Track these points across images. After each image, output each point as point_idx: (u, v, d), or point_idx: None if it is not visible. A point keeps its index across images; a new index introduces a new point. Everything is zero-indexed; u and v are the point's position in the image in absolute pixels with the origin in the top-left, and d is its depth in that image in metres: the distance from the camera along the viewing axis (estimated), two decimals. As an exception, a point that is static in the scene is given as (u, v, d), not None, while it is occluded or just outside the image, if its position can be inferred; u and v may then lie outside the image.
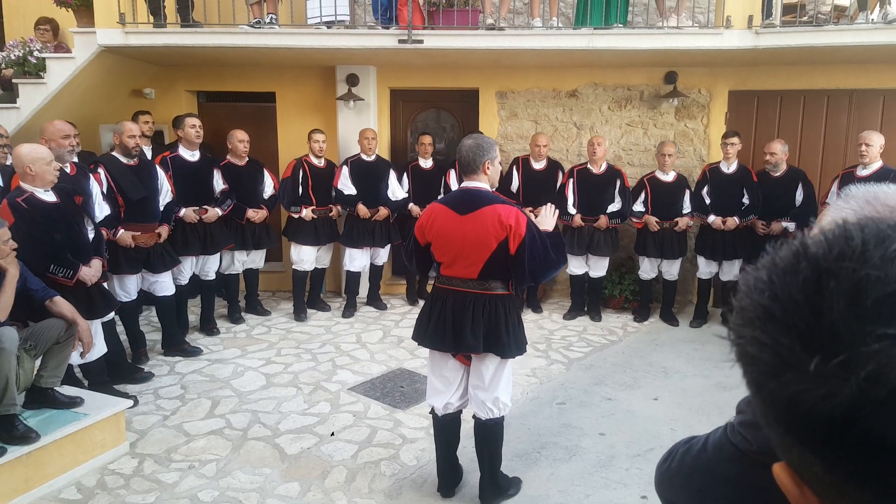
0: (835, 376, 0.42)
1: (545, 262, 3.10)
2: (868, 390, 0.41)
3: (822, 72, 6.62)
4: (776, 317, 0.46)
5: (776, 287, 0.47)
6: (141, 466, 3.76)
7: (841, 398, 0.42)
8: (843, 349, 0.42)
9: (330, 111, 7.20)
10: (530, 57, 6.34)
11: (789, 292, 0.46)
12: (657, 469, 1.16)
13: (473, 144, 3.16)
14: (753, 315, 0.48)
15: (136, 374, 4.96)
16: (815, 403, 0.43)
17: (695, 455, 1.07)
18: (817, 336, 0.44)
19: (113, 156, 5.12)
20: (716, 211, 6.25)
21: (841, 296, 0.43)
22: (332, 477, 3.65)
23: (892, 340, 0.41)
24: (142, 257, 5.12)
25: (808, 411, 0.44)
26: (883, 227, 0.46)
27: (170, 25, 5.99)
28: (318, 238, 6.51)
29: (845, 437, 0.42)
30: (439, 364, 3.34)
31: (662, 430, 4.20)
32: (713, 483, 1.02)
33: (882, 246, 0.45)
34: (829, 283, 0.44)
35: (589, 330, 6.35)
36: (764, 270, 0.49)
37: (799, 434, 0.46)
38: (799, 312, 0.45)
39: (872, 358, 0.41)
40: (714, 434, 1.06)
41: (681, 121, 7.08)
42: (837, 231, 0.47)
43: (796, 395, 0.44)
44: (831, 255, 0.46)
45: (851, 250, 0.45)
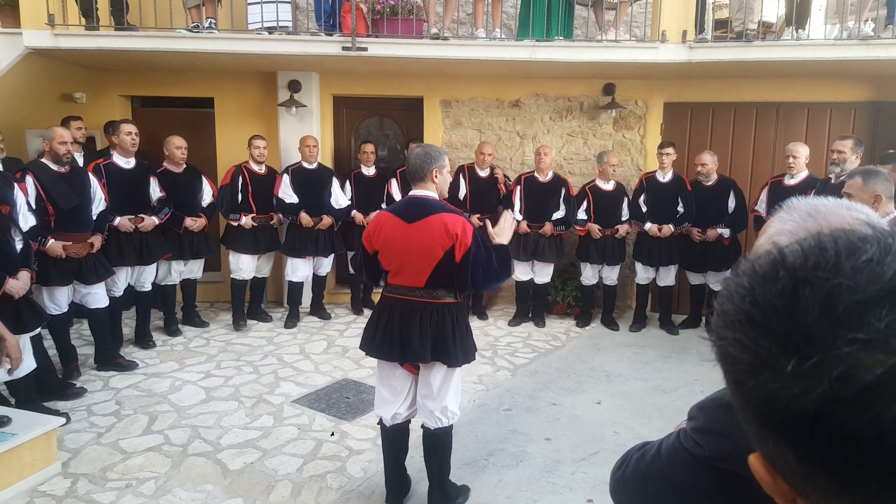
0: (809, 376, 0.46)
1: (489, 271, 3.12)
2: (838, 389, 0.45)
3: (752, 85, 6.93)
4: (756, 321, 0.50)
5: (756, 293, 0.51)
6: (74, 487, 3.59)
7: (814, 396, 0.46)
8: (817, 352, 0.46)
9: (271, 118, 7.10)
10: (474, 67, 6.42)
11: (769, 298, 0.50)
12: (612, 475, 1.19)
13: (422, 152, 3.17)
14: (734, 319, 0.52)
15: (68, 390, 4.75)
16: (790, 400, 0.47)
17: (649, 461, 1.09)
18: (794, 339, 0.47)
19: (42, 163, 4.90)
20: (652, 219, 6.44)
21: (815, 303, 0.47)
22: (276, 492, 3.57)
23: (860, 344, 0.45)
24: (73, 268, 4.91)
25: (784, 408, 0.48)
26: (854, 240, 0.50)
27: (103, 28, 5.78)
28: (257, 246, 6.39)
29: (817, 432, 0.46)
30: (387, 374, 3.32)
31: (606, 433, 4.30)
32: (667, 488, 1.05)
33: (853, 257, 0.48)
34: (804, 291, 0.48)
35: (533, 336, 6.43)
36: (745, 277, 0.53)
37: (774, 428, 0.50)
38: (777, 317, 0.49)
39: (843, 360, 0.45)
40: (667, 440, 1.09)
41: (619, 131, 7.29)
42: (813, 242, 0.51)
43: (773, 392, 0.48)
44: (807, 264, 0.49)
45: (825, 261, 0.49)
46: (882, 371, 0.44)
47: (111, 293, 5.41)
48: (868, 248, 0.49)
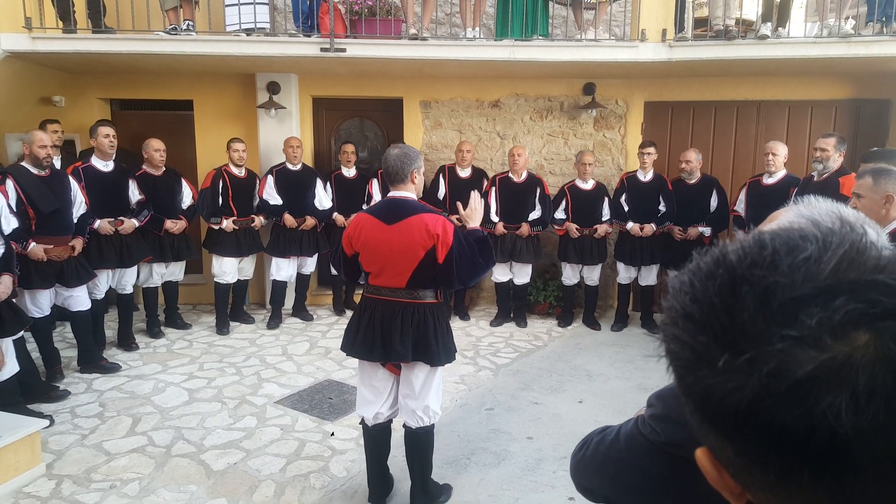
0: (742, 372, 0.47)
1: (473, 266, 3.15)
2: (770, 384, 0.46)
3: (732, 84, 6.95)
4: (695, 317, 0.52)
5: (697, 290, 0.53)
6: (59, 488, 3.59)
7: (747, 391, 0.47)
8: (751, 348, 0.47)
9: (250, 119, 7.09)
10: (453, 67, 6.43)
11: (707, 295, 0.51)
12: (573, 457, 1.23)
13: (400, 154, 3.19)
14: (677, 315, 0.54)
15: (51, 392, 4.74)
16: (725, 395, 0.48)
17: (608, 444, 1.14)
18: (730, 335, 0.49)
19: (22, 166, 4.89)
20: (634, 218, 6.48)
21: (751, 300, 0.48)
22: (260, 492, 3.59)
23: (793, 341, 0.46)
24: (55, 271, 4.91)
25: (720, 402, 0.49)
26: (795, 237, 0.52)
27: (80, 31, 5.74)
28: (239, 249, 6.39)
29: (751, 425, 0.48)
30: (369, 374, 3.34)
31: (587, 431, 4.28)
32: (624, 471, 1.10)
33: (791, 255, 0.50)
34: (741, 288, 0.49)
35: (515, 336, 6.47)
36: (688, 274, 0.55)
37: (713, 422, 0.51)
38: (714, 314, 0.50)
39: (775, 356, 0.46)
40: (626, 425, 1.13)
41: (599, 131, 7.34)
42: (752, 240, 0.53)
43: (710, 387, 0.49)
44: (745, 262, 0.51)
45: (762, 259, 0.50)
46: (813, 367, 0.45)
47: (93, 296, 5.40)
48: (808, 246, 0.50)
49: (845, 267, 0.48)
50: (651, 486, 1.06)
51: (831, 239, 0.50)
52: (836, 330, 0.46)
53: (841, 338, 0.45)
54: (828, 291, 0.47)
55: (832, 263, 0.48)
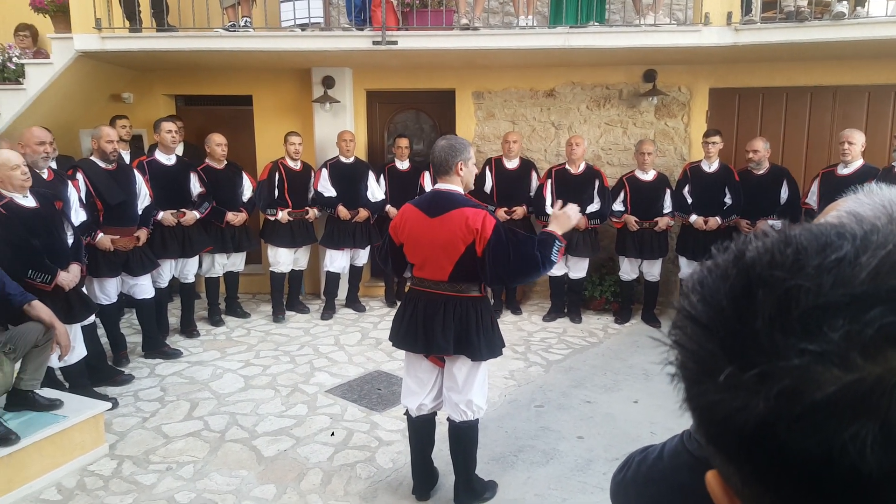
0: (749, 388, 0.41)
1: (515, 265, 3.04)
2: (781, 406, 0.40)
3: (805, 68, 6.59)
4: (702, 322, 0.46)
5: (706, 291, 0.46)
6: (120, 468, 3.77)
7: (754, 412, 0.41)
8: (763, 361, 0.41)
9: (306, 114, 7.19)
10: (506, 57, 6.34)
11: (718, 297, 0.45)
12: (613, 478, 1.14)
13: (447, 145, 3.16)
14: (684, 318, 0.48)
15: (117, 376, 4.97)
16: (729, 415, 0.42)
17: (650, 463, 1.05)
18: (739, 345, 0.42)
19: (91, 160, 5.13)
20: (697, 210, 6.23)
21: (768, 305, 0.42)
22: (307, 479, 3.66)
23: (813, 356, 0.39)
24: (121, 261, 5.12)
25: (723, 422, 0.43)
26: (828, 234, 0.44)
27: (145, 30, 5.97)
28: (294, 240, 6.52)
29: (757, 452, 0.42)
30: (414, 365, 3.35)
31: (642, 433, 4.18)
32: (667, 491, 1.00)
33: (821, 255, 0.43)
34: (757, 291, 0.43)
35: (569, 332, 6.34)
36: (703, 272, 0.48)
37: (717, 444, 0.46)
38: (723, 319, 0.44)
39: (790, 373, 0.40)
40: (671, 442, 1.05)
41: (661, 119, 7.09)
42: (777, 236, 0.46)
43: (713, 404, 0.44)
44: (763, 260, 0.44)
45: (785, 257, 0.44)
46: (835, 389, 0.38)
47: (157, 284, 5.62)
48: (843, 244, 0.43)
49: (886, 272, 0.41)
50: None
51: (873, 238, 0.43)
52: (867, 347, 0.38)
53: (873, 356, 0.38)
54: (861, 300, 0.40)
55: (870, 267, 0.41)
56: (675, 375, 0.49)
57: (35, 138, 4.54)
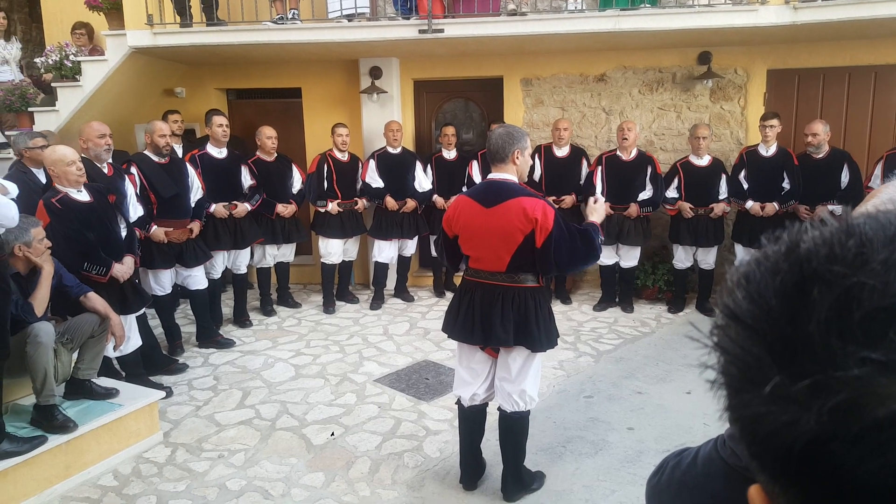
0: (799, 401, 0.36)
1: (573, 254, 3.04)
2: (836, 423, 0.35)
3: (869, 46, 6.30)
4: (748, 322, 0.41)
5: (753, 287, 0.41)
6: (174, 455, 3.86)
7: (804, 428, 0.36)
8: (816, 370, 0.36)
9: (354, 105, 7.22)
10: (554, 42, 6.22)
11: (766, 295, 0.40)
12: (648, 482, 1.11)
13: (504, 132, 3.11)
14: (728, 317, 0.43)
15: (172, 365, 5.09)
16: (775, 430, 0.38)
17: (684, 469, 1.01)
18: (789, 351, 0.38)
19: (145, 154, 5.25)
20: (754, 196, 6.03)
21: (824, 306, 0.37)
22: (355, 468, 3.68)
23: (876, 367, 0.35)
24: (175, 252, 5.25)
25: (768, 438, 0.39)
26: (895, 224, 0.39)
27: (196, 25, 6.09)
28: (344, 231, 6.56)
29: (808, 474, 0.37)
30: (467, 356, 3.33)
31: (695, 424, 4.08)
32: (702, 499, 0.97)
33: (889, 247, 0.38)
34: (812, 289, 0.38)
35: (620, 321, 6.21)
36: (751, 265, 0.43)
37: (761, 460, 0.41)
38: (771, 320, 0.39)
39: (848, 384, 0.35)
40: (705, 447, 1.01)
41: (716, 103, 6.86)
42: (838, 225, 0.41)
43: (758, 417, 0.39)
44: (820, 254, 0.39)
45: (846, 250, 0.38)
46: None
47: (210, 275, 5.74)
48: None
49: None
50: None
51: None
52: None
53: None
54: None
55: None
56: (716, 382, 0.44)
57: (96, 132, 4.67)
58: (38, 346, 3.42)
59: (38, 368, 3.45)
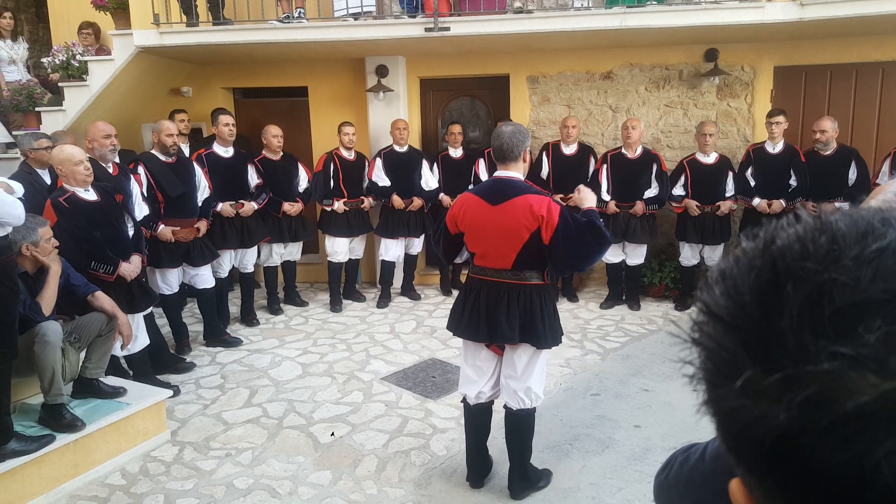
0: (771, 396, 0.37)
1: (580, 249, 3.02)
2: (807, 416, 0.36)
3: (876, 43, 6.28)
4: (723, 319, 0.42)
5: (730, 283, 0.42)
6: (181, 454, 3.87)
7: (775, 421, 0.37)
8: (788, 364, 0.37)
9: (361, 103, 7.22)
10: (561, 39, 6.21)
11: (740, 291, 0.41)
12: (655, 478, 1.11)
13: (515, 131, 3.10)
14: (705, 313, 0.44)
15: (179, 364, 5.10)
16: (748, 423, 0.39)
17: (692, 466, 1.01)
18: (762, 346, 0.38)
19: (152, 154, 5.27)
20: (761, 193, 6.02)
21: (796, 301, 0.38)
22: (363, 466, 3.68)
23: (846, 361, 0.35)
24: (182, 251, 5.26)
25: (743, 431, 0.40)
26: (870, 220, 0.40)
27: (202, 24, 6.10)
28: (350, 230, 6.57)
29: (779, 466, 0.38)
30: (473, 354, 3.33)
31: (701, 422, 4.07)
32: (709, 496, 0.96)
33: (860, 244, 0.38)
34: (786, 285, 0.39)
35: (627, 319, 6.20)
36: (729, 261, 0.44)
37: (737, 454, 0.42)
38: (746, 315, 0.40)
39: (818, 378, 0.36)
40: (713, 443, 1.00)
41: (723, 100, 6.83)
42: (812, 223, 0.41)
43: (732, 411, 0.40)
44: (793, 250, 0.40)
45: (818, 248, 0.39)
46: (869, 399, 0.34)
47: (217, 274, 5.75)
48: (888, 232, 0.38)
49: None
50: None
51: None
52: None
53: None
54: None
55: None
56: (695, 377, 0.45)
57: (101, 132, 4.68)
58: (46, 345, 3.43)
59: (46, 367, 3.46)
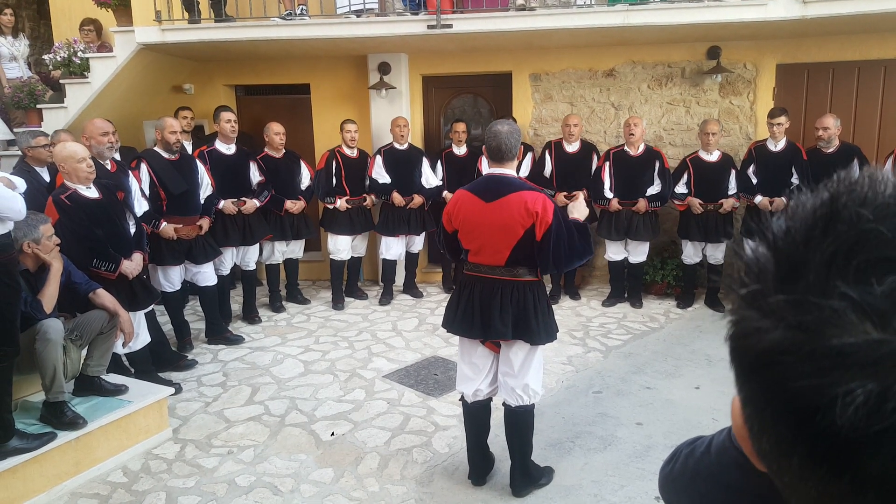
0: (777, 313, 0.40)
1: (570, 250, 3.05)
2: (796, 338, 0.39)
3: (878, 40, 6.25)
4: (768, 237, 0.45)
5: (791, 210, 0.46)
6: (183, 452, 3.87)
7: (770, 336, 0.40)
8: (800, 291, 0.40)
9: (363, 101, 7.21)
10: (563, 37, 6.20)
11: (794, 217, 0.44)
12: (660, 471, 1.11)
13: (512, 130, 3.10)
14: (759, 234, 0.46)
15: (181, 361, 5.10)
16: (748, 332, 0.42)
17: (697, 458, 1.01)
18: (789, 268, 0.41)
19: (155, 151, 5.26)
20: (763, 191, 6.00)
21: (838, 242, 0.40)
22: (365, 463, 3.69)
23: (850, 303, 0.37)
24: (184, 249, 5.25)
25: (742, 337, 0.43)
26: None
27: (203, 21, 6.09)
28: (353, 227, 6.56)
29: (758, 377, 0.41)
30: (469, 351, 3.34)
31: (703, 419, 4.08)
32: (715, 489, 0.96)
33: None
34: (836, 226, 0.41)
35: (629, 317, 6.20)
36: (804, 198, 0.46)
37: (733, 356, 0.45)
38: (788, 238, 0.43)
39: (821, 311, 0.38)
40: (718, 436, 1.00)
41: (725, 97, 6.82)
42: (887, 176, 0.44)
43: (741, 319, 0.43)
44: (855, 193, 0.42)
45: (877, 198, 0.42)
46: (854, 341, 0.37)
47: (219, 272, 5.74)
48: None
49: None
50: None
51: None
52: None
53: None
54: None
55: None
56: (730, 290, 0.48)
57: (98, 129, 4.68)
58: (48, 342, 3.43)
59: (48, 365, 3.47)
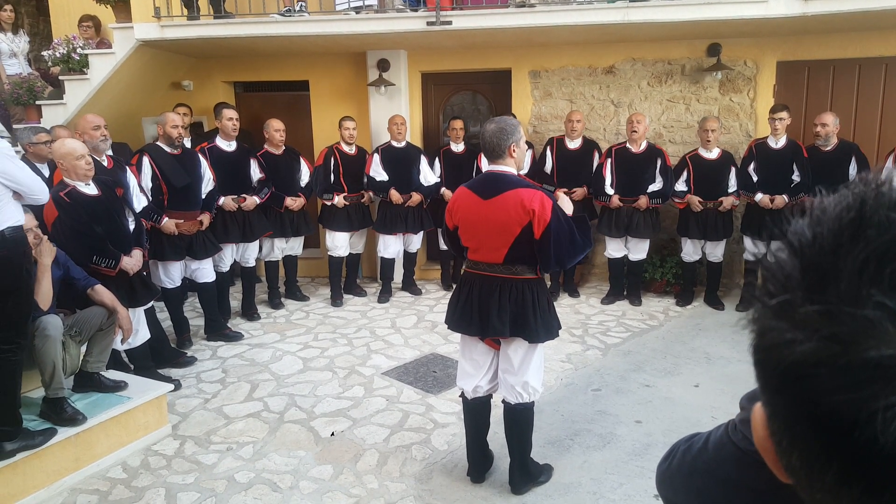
0: (807, 324, 0.39)
1: (572, 246, 3.06)
2: (830, 350, 0.38)
3: (879, 38, 6.23)
4: (794, 243, 0.43)
5: (817, 214, 0.44)
6: (182, 448, 3.88)
7: (802, 347, 0.39)
8: (833, 300, 0.38)
9: (362, 97, 7.20)
10: (563, 33, 6.18)
11: (821, 222, 0.43)
12: (658, 467, 1.11)
13: (496, 129, 3.10)
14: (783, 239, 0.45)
15: (180, 358, 5.10)
16: (777, 344, 0.41)
17: (695, 454, 1.01)
18: (818, 277, 0.40)
19: (158, 145, 5.27)
20: (763, 188, 5.98)
21: (868, 249, 0.39)
22: (364, 460, 3.69)
23: (887, 313, 0.37)
24: (185, 244, 5.25)
25: (770, 349, 0.42)
26: None
27: (203, 17, 6.08)
28: (351, 224, 6.56)
29: (789, 389, 0.40)
30: (469, 347, 3.34)
31: (703, 417, 4.08)
32: (713, 484, 0.96)
33: None
34: (866, 231, 0.40)
35: (628, 315, 6.19)
36: (828, 201, 0.45)
37: (759, 367, 0.44)
38: (816, 246, 0.41)
39: (855, 321, 0.37)
40: (716, 432, 1.00)
41: (725, 95, 6.81)
42: None
43: (767, 329, 0.42)
44: (885, 198, 0.41)
45: None
46: (892, 354, 0.36)
47: (218, 269, 5.75)
48: None
49: None
50: (741, 501, 0.92)
51: None
52: None
53: None
54: None
55: None
56: (753, 296, 0.48)
57: (90, 123, 4.68)
58: (47, 339, 3.43)
59: (47, 361, 3.47)
